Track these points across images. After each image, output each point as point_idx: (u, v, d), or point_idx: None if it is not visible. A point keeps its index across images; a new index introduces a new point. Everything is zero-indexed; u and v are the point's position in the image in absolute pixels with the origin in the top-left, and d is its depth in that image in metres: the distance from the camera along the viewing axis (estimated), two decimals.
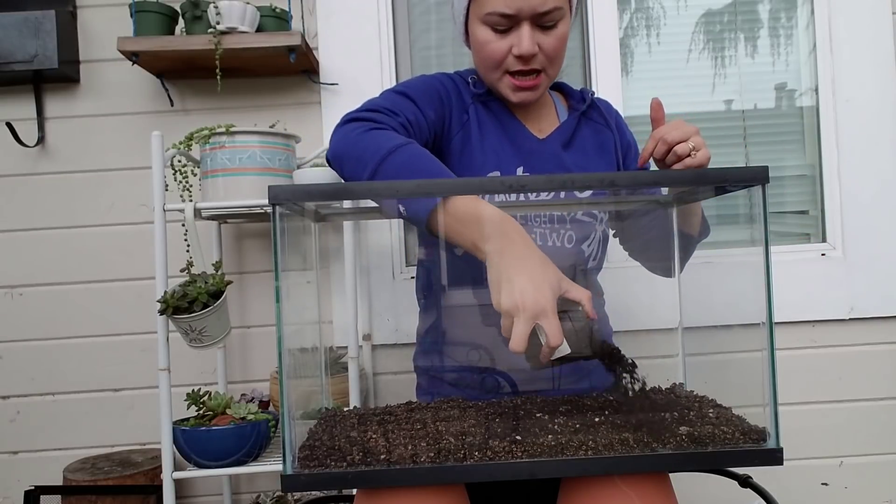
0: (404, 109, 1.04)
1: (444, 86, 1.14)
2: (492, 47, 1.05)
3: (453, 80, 1.17)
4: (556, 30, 1.05)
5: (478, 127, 1.13)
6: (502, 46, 1.04)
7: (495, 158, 1.12)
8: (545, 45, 1.04)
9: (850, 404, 1.81)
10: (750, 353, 0.89)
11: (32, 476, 1.75)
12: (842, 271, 1.78)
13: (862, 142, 1.78)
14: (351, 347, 1.52)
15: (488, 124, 1.15)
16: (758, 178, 0.77)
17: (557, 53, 1.06)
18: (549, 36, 1.04)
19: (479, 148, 1.12)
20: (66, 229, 1.79)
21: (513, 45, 1.04)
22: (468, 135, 1.13)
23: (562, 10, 1.03)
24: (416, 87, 1.10)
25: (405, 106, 1.05)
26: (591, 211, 1.12)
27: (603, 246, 1.17)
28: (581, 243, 1.12)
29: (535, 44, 1.03)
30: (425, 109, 1.07)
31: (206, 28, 1.59)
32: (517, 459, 0.76)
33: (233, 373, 1.79)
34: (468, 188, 0.90)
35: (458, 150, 1.12)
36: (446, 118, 1.12)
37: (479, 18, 1.05)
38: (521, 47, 1.03)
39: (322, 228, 1.15)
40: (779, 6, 1.89)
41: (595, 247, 1.15)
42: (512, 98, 1.10)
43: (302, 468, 0.76)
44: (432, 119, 1.08)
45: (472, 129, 1.13)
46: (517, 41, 1.03)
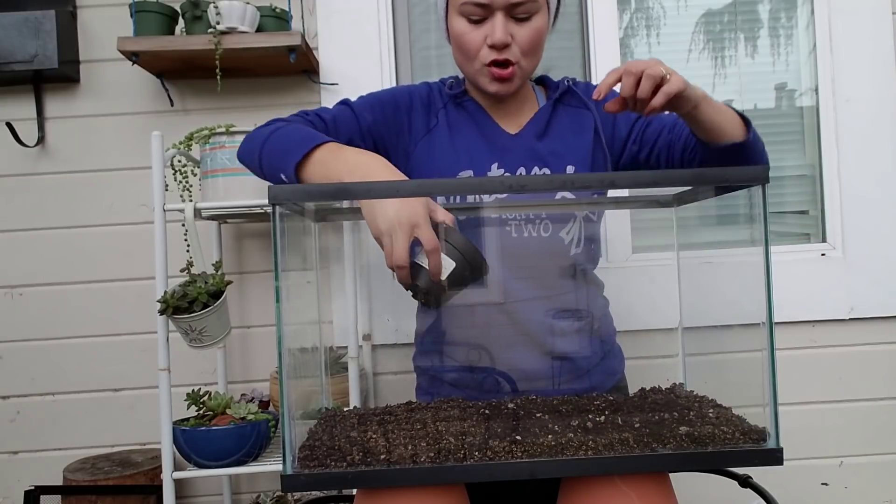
0: (329, 112, 1.13)
1: (408, 95, 1.17)
2: (467, 38, 1.07)
3: (430, 87, 1.20)
4: (531, 22, 1.06)
5: (447, 129, 1.16)
6: (477, 37, 1.06)
7: (468, 157, 1.14)
8: (519, 37, 1.06)
9: (850, 404, 1.81)
10: (750, 353, 0.89)
11: (32, 476, 1.75)
12: (842, 271, 1.78)
13: (862, 142, 1.78)
14: (351, 347, 1.52)
15: (461, 124, 1.16)
16: (758, 178, 0.77)
17: (532, 46, 1.08)
18: (523, 28, 1.06)
19: (450, 149, 1.14)
20: (66, 229, 1.79)
21: (487, 35, 1.06)
22: (436, 138, 1.15)
23: (537, 2, 1.05)
24: (368, 97, 1.17)
25: (335, 110, 1.14)
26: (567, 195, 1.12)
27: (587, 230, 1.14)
28: (559, 229, 1.12)
29: (509, 34, 1.05)
30: (362, 114, 1.13)
31: (206, 28, 1.59)
32: (517, 459, 0.76)
33: (233, 373, 1.79)
34: (468, 188, 0.90)
35: (424, 153, 1.15)
36: (403, 125, 1.16)
37: (455, 9, 1.07)
38: (493, 36, 1.04)
39: (322, 228, 1.15)
40: (779, 6, 1.89)
41: (576, 232, 1.13)
42: (490, 89, 1.10)
43: (302, 468, 0.76)
44: (369, 123, 1.13)
45: (441, 132, 1.15)
46: (491, 31, 1.05)
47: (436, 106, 1.18)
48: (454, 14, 1.08)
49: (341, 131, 1.12)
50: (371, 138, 1.14)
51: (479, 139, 1.15)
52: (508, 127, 1.17)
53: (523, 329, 1.12)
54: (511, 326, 1.12)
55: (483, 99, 1.18)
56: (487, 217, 1.11)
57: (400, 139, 1.16)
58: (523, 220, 1.11)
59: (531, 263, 1.12)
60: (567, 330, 1.13)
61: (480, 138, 1.15)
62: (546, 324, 1.12)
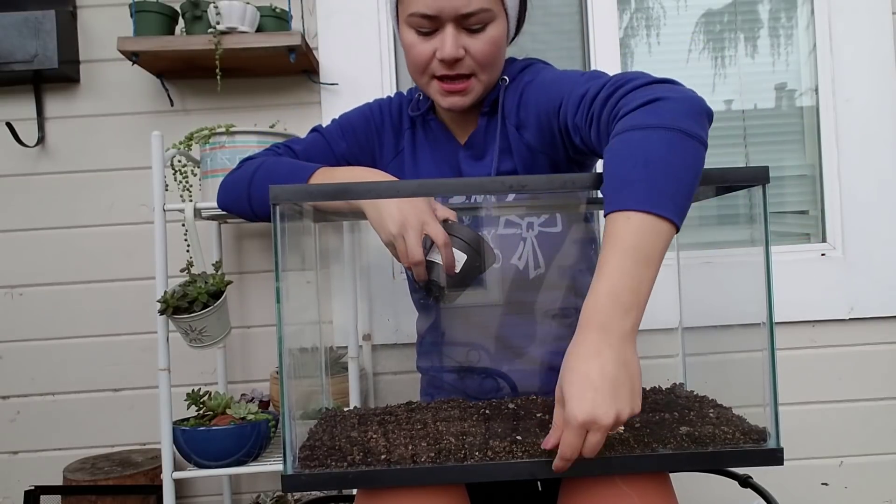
0: (300, 143, 1.13)
1: (378, 114, 1.15)
2: (416, 50, 1.00)
3: (399, 102, 1.16)
4: (485, 33, 0.98)
5: (412, 152, 1.14)
6: (427, 49, 0.99)
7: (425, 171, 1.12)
8: (473, 49, 0.98)
9: (850, 404, 1.81)
10: (750, 353, 0.89)
11: (32, 476, 1.75)
12: (842, 271, 1.78)
13: (862, 142, 1.78)
14: (351, 347, 1.52)
15: (424, 147, 1.13)
16: (758, 178, 0.78)
17: (487, 58, 1.00)
18: (476, 39, 0.98)
19: (414, 174, 1.12)
20: (66, 229, 1.79)
21: (437, 49, 0.99)
22: (402, 162, 1.14)
23: (490, 11, 0.97)
24: (341, 120, 1.16)
25: (307, 139, 1.14)
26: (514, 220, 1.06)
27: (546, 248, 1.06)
28: (510, 258, 1.06)
29: (460, 47, 0.98)
30: (335, 141, 1.13)
31: (206, 28, 1.59)
32: (517, 459, 0.76)
33: (233, 373, 1.79)
34: (468, 188, 0.90)
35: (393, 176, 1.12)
36: (374, 146, 1.15)
37: (404, 20, 1.00)
38: (443, 51, 0.97)
39: (322, 228, 1.15)
40: (779, 6, 1.89)
41: (529, 255, 1.06)
42: (442, 103, 1.04)
43: (302, 468, 0.76)
44: (343, 150, 1.13)
45: (406, 156, 1.14)
46: (440, 44, 0.98)
47: (404, 125, 1.15)
48: (404, 26, 1.01)
49: (314, 160, 1.09)
50: (346, 163, 1.13)
51: (441, 162, 1.11)
52: (460, 138, 1.12)
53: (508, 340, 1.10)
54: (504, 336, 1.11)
55: (445, 113, 1.11)
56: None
57: (373, 160, 1.15)
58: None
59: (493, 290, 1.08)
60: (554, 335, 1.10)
61: (442, 160, 1.11)
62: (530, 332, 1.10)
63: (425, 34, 0.99)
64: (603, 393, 0.66)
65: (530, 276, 1.06)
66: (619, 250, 0.70)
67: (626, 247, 0.69)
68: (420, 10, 0.96)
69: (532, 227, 1.06)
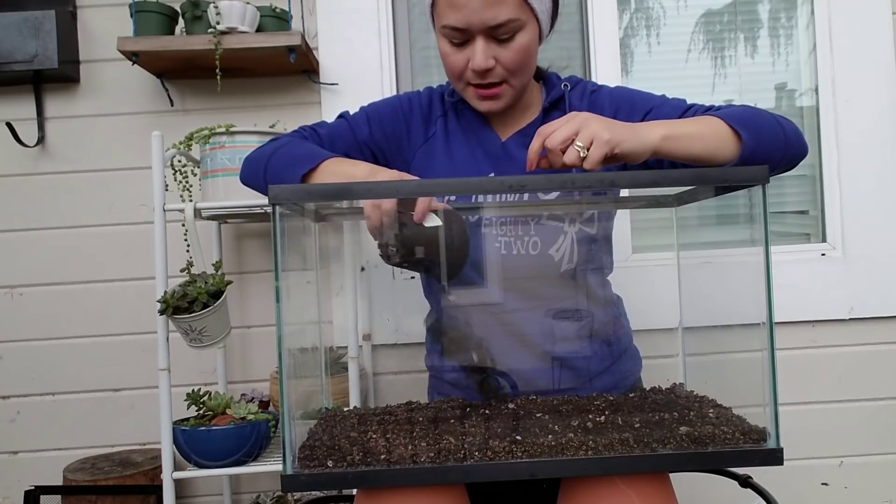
0: (325, 126, 1.15)
1: (407, 102, 1.17)
2: (450, 60, 1.04)
3: (431, 93, 1.19)
4: (515, 42, 1.01)
5: (444, 138, 1.15)
6: (460, 59, 1.02)
7: (464, 167, 1.13)
8: (503, 59, 1.01)
9: (850, 404, 1.81)
10: (750, 353, 0.89)
11: (32, 476, 1.75)
12: (842, 271, 1.78)
13: (862, 142, 1.78)
14: (351, 347, 1.52)
15: (458, 134, 1.15)
16: (758, 178, 0.78)
17: (517, 66, 1.03)
18: (506, 49, 1.01)
19: (446, 158, 1.14)
20: (66, 229, 1.79)
21: (469, 58, 1.02)
22: (433, 147, 1.15)
23: (518, 21, 0.99)
24: (368, 108, 1.18)
25: (333, 124, 1.15)
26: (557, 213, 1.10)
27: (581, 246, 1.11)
28: (548, 247, 1.09)
29: (490, 58, 1.01)
30: (358, 127, 1.15)
31: (206, 28, 1.59)
32: (517, 459, 0.76)
33: (233, 373, 1.79)
34: (468, 188, 0.90)
35: (422, 162, 1.15)
36: (402, 134, 1.16)
37: (439, 30, 1.04)
38: (474, 62, 1.01)
39: (322, 228, 1.15)
40: (779, 6, 1.89)
41: (567, 249, 1.10)
42: (478, 107, 1.08)
43: (302, 468, 0.76)
44: (365, 136, 1.15)
45: (438, 142, 1.15)
46: (472, 55, 1.01)
47: (435, 114, 1.17)
48: (439, 34, 1.05)
49: (338, 145, 1.12)
50: (369, 150, 1.15)
51: (476, 148, 1.13)
52: (502, 133, 1.15)
53: (523, 337, 1.11)
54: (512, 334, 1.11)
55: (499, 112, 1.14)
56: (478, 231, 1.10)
57: (400, 148, 1.16)
58: (512, 235, 1.09)
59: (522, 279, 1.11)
60: (567, 334, 1.12)
61: (477, 148, 1.14)
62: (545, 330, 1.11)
63: (458, 45, 1.02)
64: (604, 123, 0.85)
65: (561, 269, 1.10)
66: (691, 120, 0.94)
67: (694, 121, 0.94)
68: (451, 23, 0.99)
69: (574, 222, 1.10)
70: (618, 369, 1.18)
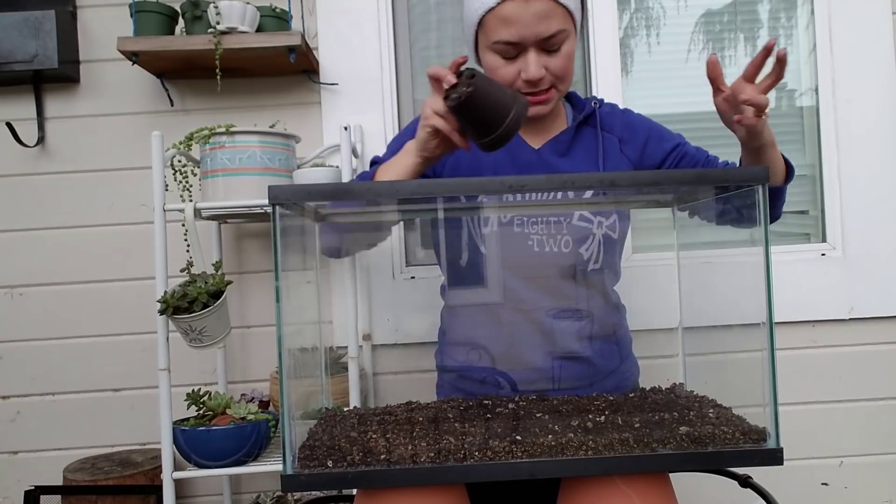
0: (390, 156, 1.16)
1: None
2: (501, 73, 1.08)
3: None
4: (561, 51, 1.07)
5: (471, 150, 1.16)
6: (511, 71, 1.07)
7: (491, 172, 1.15)
8: (552, 67, 1.07)
9: (850, 404, 1.81)
10: (750, 353, 0.89)
11: (32, 476, 1.75)
12: (842, 271, 1.78)
13: (862, 142, 1.78)
14: (351, 347, 1.52)
15: None
16: (758, 178, 0.78)
17: (565, 72, 1.09)
18: (555, 58, 1.07)
19: (474, 164, 1.16)
20: (66, 229, 1.79)
21: (521, 70, 1.06)
22: (461, 153, 1.16)
23: (565, 31, 1.06)
24: (396, 142, 1.18)
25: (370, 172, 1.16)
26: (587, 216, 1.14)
27: (606, 248, 1.16)
28: (579, 246, 1.14)
29: (542, 67, 1.06)
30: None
31: (206, 28, 1.59)
32: (517, 459, 0.76)
33: (233, 373, 1.79)
34: (468, 188, 0.90)
35: (451, 170, 1.17)
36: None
37: (486, 46, 1.08)
38: (528, 73, 1.05)
39: (322, 228, 1.15)
40: (779, 6, 1.89)
41: (595, 249, 1.15)
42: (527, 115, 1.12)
43: (302, 468, 0.76)
44: None
45: (462, 154, 1.15)
46: (525, 66, 1.06)
47: None
48: (485, 50, 1.09)
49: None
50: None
51: (503, 153, 1.16)
52: (533, 142, 1.19)
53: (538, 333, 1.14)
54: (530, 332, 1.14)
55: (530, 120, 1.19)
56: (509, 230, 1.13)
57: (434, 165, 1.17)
58: (545, 234, 1.13)
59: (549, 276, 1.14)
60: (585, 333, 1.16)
61: (504, 152, 1.16)
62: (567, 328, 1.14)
63: (509, 58, 1.07)
64: None
65: (588, 268, 1.15)
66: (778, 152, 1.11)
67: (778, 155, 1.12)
68: (504, 38, 1.04)
69: (601, 225, 1.15)
70: (621, 372, 1.22)
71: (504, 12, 1.03)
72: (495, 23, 1.04)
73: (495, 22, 1.04)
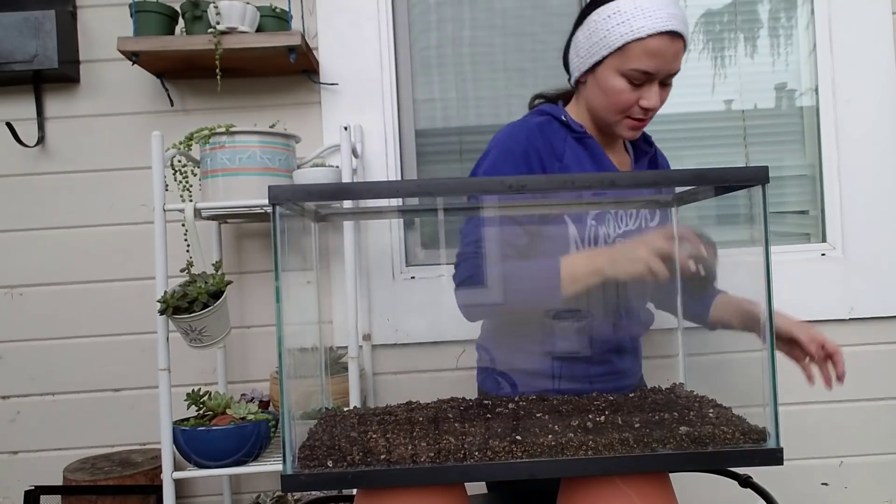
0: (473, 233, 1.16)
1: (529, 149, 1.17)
2: (624, 97, 1.14)
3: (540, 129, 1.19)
4: (670, 85, 1.17)
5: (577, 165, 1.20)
6: (632, 98, 1.14)
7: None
8: (662, 97, 1.17)
9: (850, 404, 1.81)
10: (750, 353, 0.89)
11: (32, 476, 1.75)
12: (842, 271, 1.78)
13: (862, 142, 1.78)
14: (351, 347, 1.52)
15: (585, 160, 1.21)
16: (758, 178, 0.77)
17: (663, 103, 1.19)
18: (665, 90, 1.17)
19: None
20: (66, 229, 1.79)
21: (641, 98, 1.14)
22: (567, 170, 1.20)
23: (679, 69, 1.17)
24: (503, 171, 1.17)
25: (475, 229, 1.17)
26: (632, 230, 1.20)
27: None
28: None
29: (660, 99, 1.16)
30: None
31: (206, 28, 1.59)
32: (517, 459, 0.76)
33: (233, 373, 1.79)
34: (468, 188, 0.90)
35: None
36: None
37: (616, 69, 1.13)
38: (650, 101, 1.14)
39: (322, 228, 1.15)
40: (779, 6, 1.89)
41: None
42: (626, 135, 1.20)
43: (302, 468, 0.76)
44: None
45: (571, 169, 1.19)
46: (647, 95, 1.14)
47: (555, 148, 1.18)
48: (612, 72, 1.13)
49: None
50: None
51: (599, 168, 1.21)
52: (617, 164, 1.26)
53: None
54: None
55: (599, 136, 1.23)
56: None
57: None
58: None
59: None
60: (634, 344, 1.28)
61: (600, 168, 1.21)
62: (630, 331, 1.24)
63: (636, 85, 1.14)
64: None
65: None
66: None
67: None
68: (642, 68, 1.11)
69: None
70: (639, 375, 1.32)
71: (651, 45, 1.09)
72: (639, 52, 1.10)
73: (640, 51, 1.10)
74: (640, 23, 1.09)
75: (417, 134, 1.87)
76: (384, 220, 1.75)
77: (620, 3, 1.12)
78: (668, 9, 1.10)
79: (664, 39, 1.10)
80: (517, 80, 1.89)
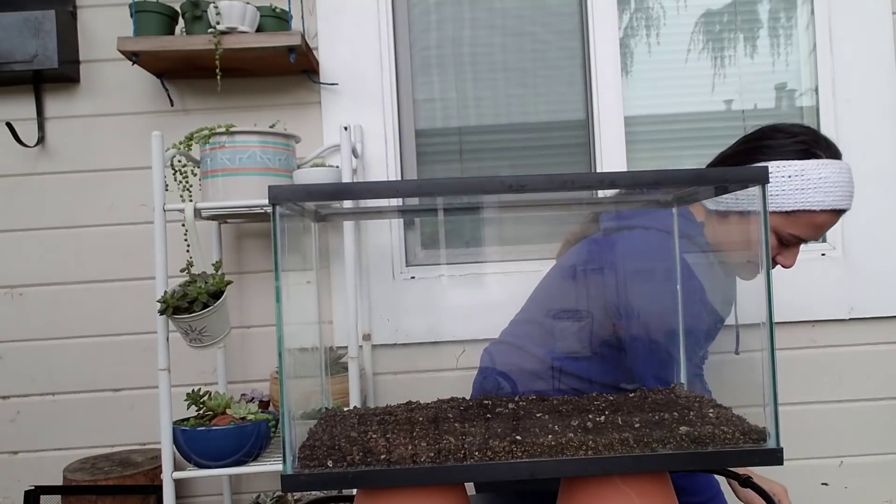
0: None
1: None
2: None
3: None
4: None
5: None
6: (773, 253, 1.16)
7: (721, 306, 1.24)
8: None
9: (850, 404, 1.81)
10: (750, 353, 0.89)
11: (32, 476, 1.75)
12: (842, 271, 1.78)
13: (862, 142, 1.78)
14: (351, 347, 1.52)
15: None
16: (758, 178, 0.77)
17: None
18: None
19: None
20: (66, 229, 1.79)
21: (780, 255, 1.16)
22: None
23: None
24: None
25: None
26: None
27: None
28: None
29: None
30: None
31: (206, 28, 1.59)
32: (517, 459, 0.76)
33: (233, 373, 1.79)
34: (468, 188, 0.90)
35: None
36: None
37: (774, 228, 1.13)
38: (787, 263, 1.17)
39: (322, 228, 1.15)
40: (779, 6, 1.89)
41: None
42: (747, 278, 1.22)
43: (302, 468, 0.76)
44: None
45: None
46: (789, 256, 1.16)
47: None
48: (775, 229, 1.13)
49: None
50: None
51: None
52: None
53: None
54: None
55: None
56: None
57: None
58: None
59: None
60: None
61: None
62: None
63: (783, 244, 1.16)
64: None
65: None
66: None
67: None
68: (802, 235, 1.13)
69: None
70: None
71: (820, 219, 1.10)
72: (806, 221, 1.11)
73: (807, 220, 1.10)
74: (820, 197, 1.08)
75: (417, 134, 1.87)
76: (384, 220, 1.75)
77: (807, 167, 1.09)
78: (848, 187, 1.09)
79: (834, 216, 1.10)
80: (517, 80, 1.89)
